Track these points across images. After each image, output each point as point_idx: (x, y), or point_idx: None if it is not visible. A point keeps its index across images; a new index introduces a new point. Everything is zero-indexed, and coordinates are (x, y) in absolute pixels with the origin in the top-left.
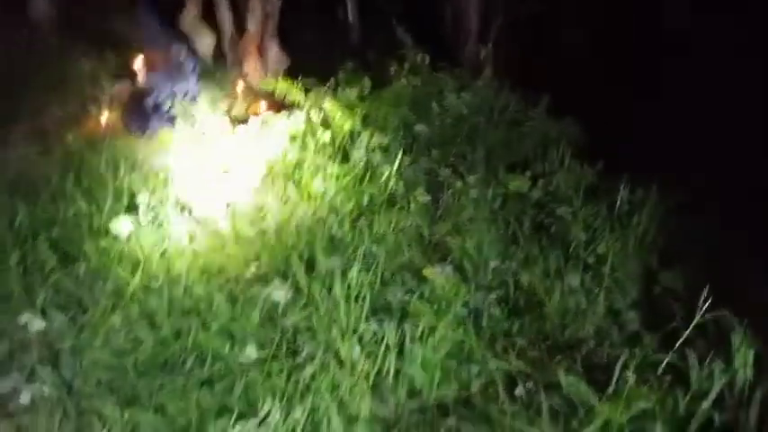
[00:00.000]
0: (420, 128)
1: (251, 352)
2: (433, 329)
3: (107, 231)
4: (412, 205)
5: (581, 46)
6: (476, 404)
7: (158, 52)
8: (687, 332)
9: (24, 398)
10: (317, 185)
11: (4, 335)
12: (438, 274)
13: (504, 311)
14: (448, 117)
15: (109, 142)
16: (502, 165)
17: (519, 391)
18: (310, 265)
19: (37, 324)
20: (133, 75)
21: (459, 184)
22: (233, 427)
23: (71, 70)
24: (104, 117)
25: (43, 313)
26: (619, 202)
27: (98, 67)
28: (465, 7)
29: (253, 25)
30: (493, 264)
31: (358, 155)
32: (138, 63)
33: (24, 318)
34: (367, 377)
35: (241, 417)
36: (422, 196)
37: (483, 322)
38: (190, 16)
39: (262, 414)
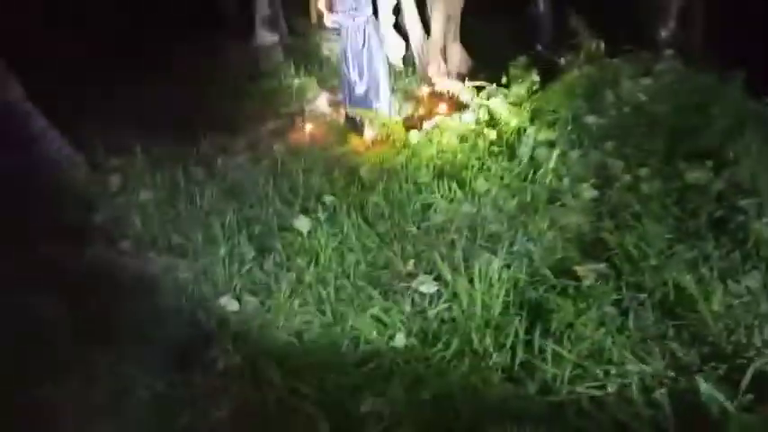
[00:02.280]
0: (591, 119)
1: (399, 339)
2: (570, 326)
3: (293, 229)
4: (575, 201)
5: None
6: (608, 404)
7: None
8: None
9: (220, 365)
10: (480, 184)
11: (210, 314)
12: (589, 272)
13: (657, 313)
14: (624, 106)
15: (308, 150)
16: (682, 154)
17: (657, 395)
18: (461, 262)
19: (233, 306)
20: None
21: (628, 177)
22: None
23: (285, 84)
24: (308, 127)
25: (239, 297)
26: None
27: (307, 81)
28: None
29: (436, 30)
30: (654, 262)
31: (523, 151)
32: (321, 5)
33: (223, 300)
34: (499, 368)
35: (379, 395)
36: (587, 192)
37: (631, 323)
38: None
39: (391, 394)
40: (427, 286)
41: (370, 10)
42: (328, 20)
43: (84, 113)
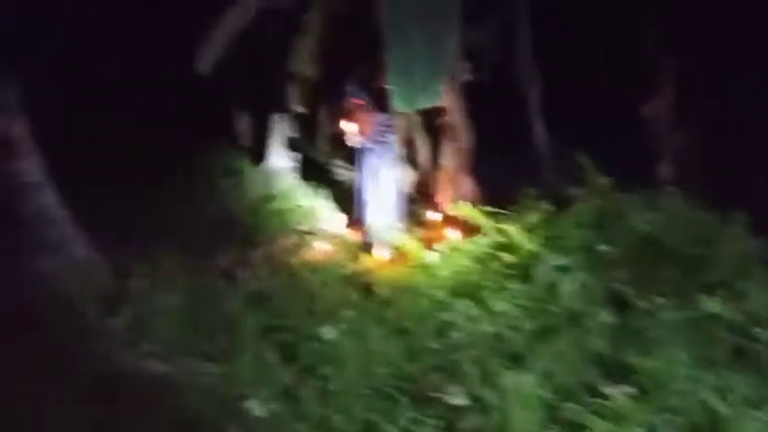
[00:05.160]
0: (603, 248)
1: None
2: None
3: (317, 338)
4: (594, 325)
5: None
6: None
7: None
8: None
9: None
10: (498, 304)
11: (235, 418)
12: (616, 393)
13: None
14: (633, 237)
15: (324, 266)
16: (694, 285)
17: None
18: (489, 377)
19: (259, 411)
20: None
21: (645, 304)
22: None
23: (298, 204)
24: (321, 245)
25: (264, 403)
26: None
27: (320, 203)
28: (653, 126)
29: (446, 160)
30: (681, 386)
31: (539, 275)
32: (349, 127)
33: (250, 405)
34: None
35: None
36: (605, 316)
37: None
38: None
39: None
40: (457, 399)
41: (393, 137)
42: (353, 140)
43: (111, 222)
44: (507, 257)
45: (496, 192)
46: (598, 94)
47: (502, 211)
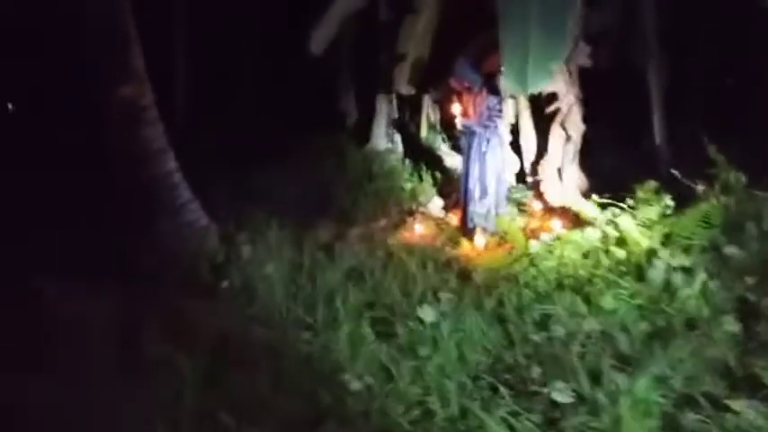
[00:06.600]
0: (731, 250)
1: None
2: None
3: (415, 317)
4: (716, 332)
5: None
6: None
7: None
8: None
9: None
10: (607, 301)
11: (331, 390)
12: (745, 407)
13: None
14: None
15: (421, 248)
16: None
17: None
18: (595, 377)
19: (355, 385)
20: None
21: None
22: None
23: (398, 185)
24: (419, 227)
25: (360, 377)
26: None
27: (419, 185)
28: None
29: (554, 149)
30: None
31: (655, 274)
32: (456, 109)
33: (347, 377)
34: None
35: None
36: (730, 324)
37: None
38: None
39: None
40: (562, 395)
41: (501, 122)
42: (459, 122)
43: (222, 190)
44: (620, 253)
45: (610, 184)
46: (728, 82)
47: (616, 203)
